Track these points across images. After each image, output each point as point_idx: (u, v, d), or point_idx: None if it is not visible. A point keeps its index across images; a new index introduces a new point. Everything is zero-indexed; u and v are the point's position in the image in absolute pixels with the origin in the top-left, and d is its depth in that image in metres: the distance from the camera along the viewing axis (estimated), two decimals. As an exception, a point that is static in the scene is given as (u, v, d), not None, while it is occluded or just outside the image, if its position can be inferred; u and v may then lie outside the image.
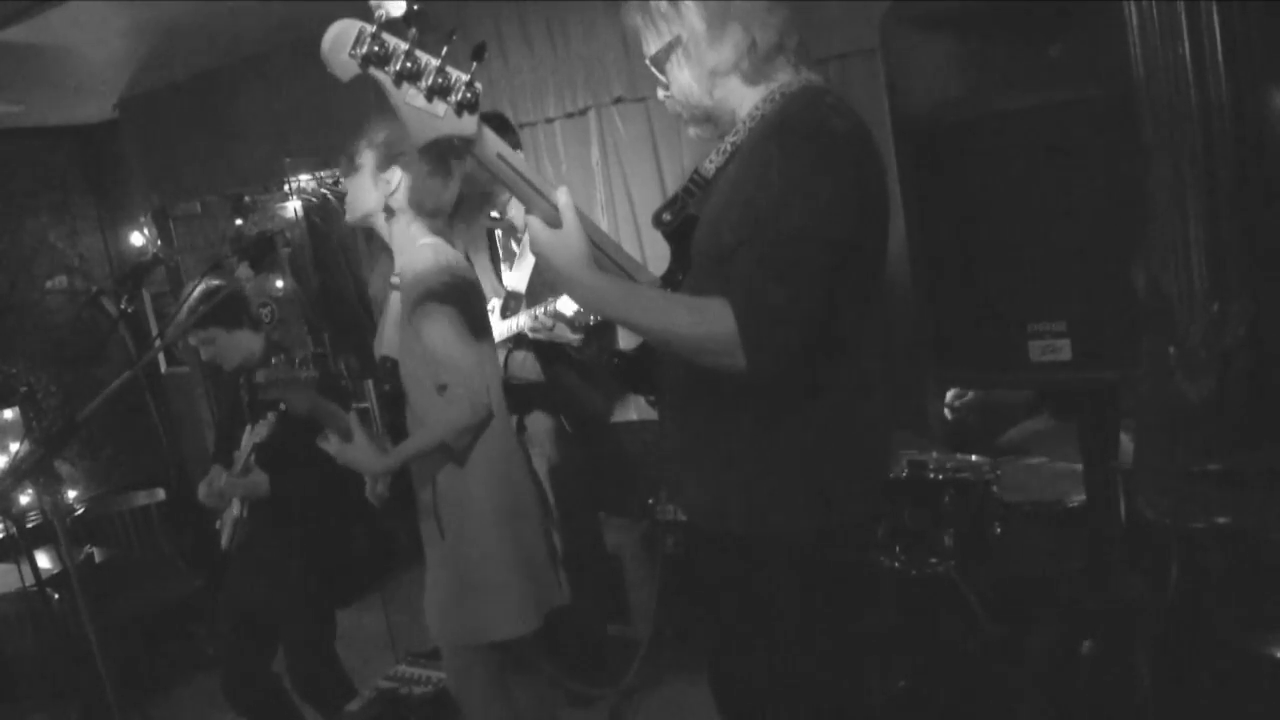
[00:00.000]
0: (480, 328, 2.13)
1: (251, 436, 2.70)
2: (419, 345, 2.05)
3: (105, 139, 5.39)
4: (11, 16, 3.34)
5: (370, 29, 1.26)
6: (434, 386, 2.07)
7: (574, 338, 2.95)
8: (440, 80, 1.29)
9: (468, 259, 2.40)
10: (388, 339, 2.19)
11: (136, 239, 5.24)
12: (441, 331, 2.01)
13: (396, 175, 2.09)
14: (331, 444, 2.11)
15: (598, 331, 2.97)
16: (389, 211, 2.12)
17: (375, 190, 2.10)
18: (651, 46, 1.52)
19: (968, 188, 1.43)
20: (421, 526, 2.21)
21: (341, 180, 2.20)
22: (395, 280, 2.14)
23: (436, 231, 2.16)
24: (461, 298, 2.05)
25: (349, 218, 2.19)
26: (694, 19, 1.46)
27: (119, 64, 4.35)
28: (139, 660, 3.89)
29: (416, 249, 2.09)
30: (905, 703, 2.38)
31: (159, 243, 5.16)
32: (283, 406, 2.63)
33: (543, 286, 2.93)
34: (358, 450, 2.09)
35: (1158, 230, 1.28)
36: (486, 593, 2.10)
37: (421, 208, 2.12)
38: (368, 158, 2.10)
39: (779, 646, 1.55)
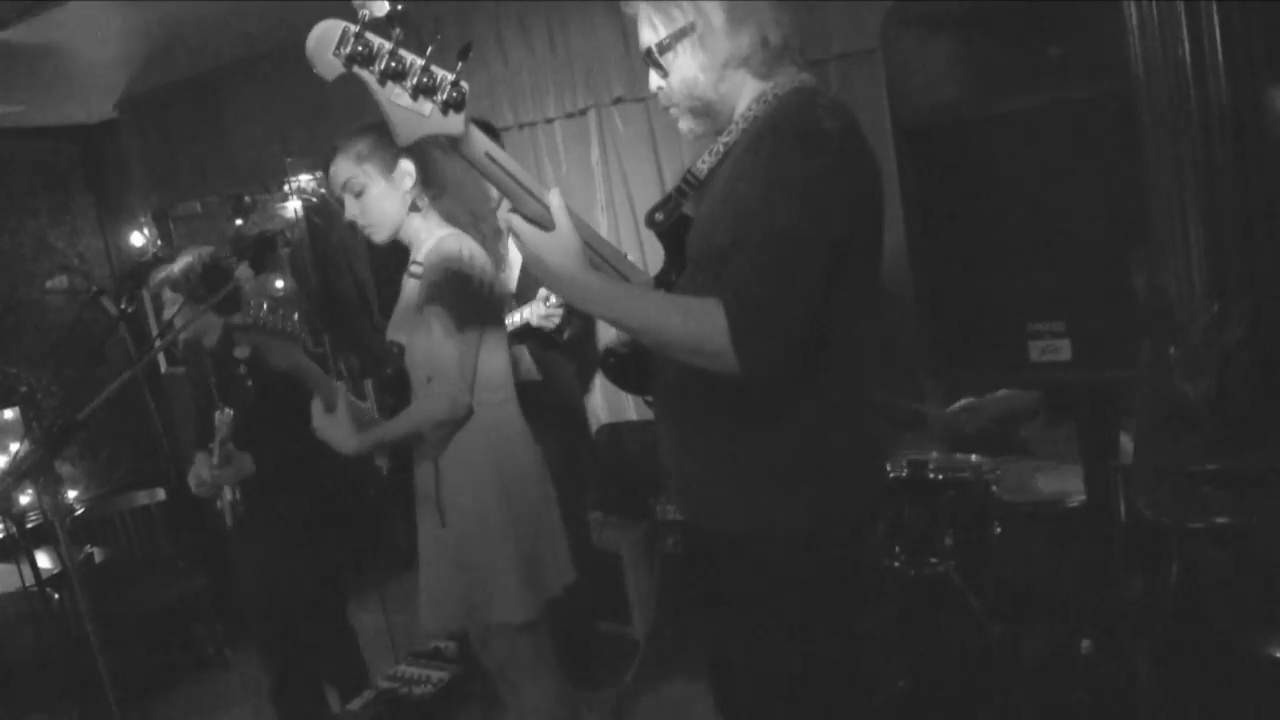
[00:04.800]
0: (490, 320, 2.10)
1: (221, 422, 2.66)
2: (422, 334, 2.05)
3: (105, 139, 5.39)
4: (11, 16, 3.34)
5: (354, 29, 1.26)
6: (425, 377, 2.07)
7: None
8: (425, 79, 1.29)
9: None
10: (397, 323, 2.18)
11: (136, 239, 5.24)
12: (441, 325, 2.01)
13: (406, 165, 2.07)
14: (315, 413, 2.10)
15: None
16: (415, 208, 2.09)
17: (395, 193, 2.07)
18: (659, 32, 1.48)
19: (968, 188, 1.43)
20: (419, 510, 2.20)
21: (348, 214, 2.10)
22: (415, 269, 2.12)
23: (449, 217, 2.14)
24: (473, 292, 2.04)
25: (380, 237, 2.11)
26: (710, 8, 1.44)
27: (119, 64, 4.35)
28: (139, 660, 3.89)
29: (438, 240, 2.07)
30: (905, 703, 2.38)
31: (159, 243, 5.16)
32: (250, 383, 2.61)
33: (532, 286, 2.93)
34: (335, 426, 2.07)
35: (1158, 230, 1.28)
36: (487, 580, 2.09)
37: (439, 187, 2.10)
38: (368, 171, 2.06)
39: (778, 646, 1.55)
